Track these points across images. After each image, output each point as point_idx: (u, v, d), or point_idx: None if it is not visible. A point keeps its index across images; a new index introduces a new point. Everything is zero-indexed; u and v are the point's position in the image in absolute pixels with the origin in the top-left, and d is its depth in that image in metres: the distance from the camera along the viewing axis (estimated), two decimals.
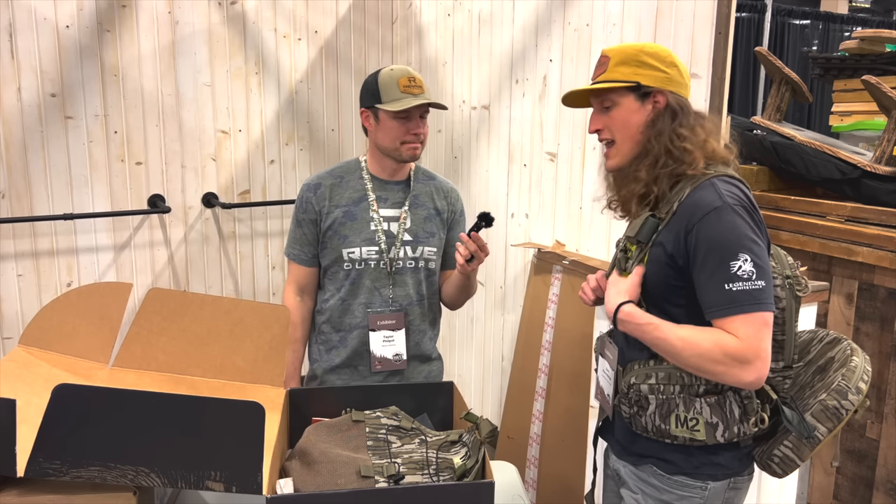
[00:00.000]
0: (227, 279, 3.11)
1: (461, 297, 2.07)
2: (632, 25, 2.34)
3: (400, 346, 1.99)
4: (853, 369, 1.43)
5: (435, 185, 2.07)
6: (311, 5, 3.17)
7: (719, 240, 1.33)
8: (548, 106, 2.70)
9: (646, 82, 1.47)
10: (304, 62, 3.19)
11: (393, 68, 1.92)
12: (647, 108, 1.48)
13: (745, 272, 1.31)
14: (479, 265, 1.86)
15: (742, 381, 1.32)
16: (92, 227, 2.80)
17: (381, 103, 1.87)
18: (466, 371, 3.31)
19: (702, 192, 1.39)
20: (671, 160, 1.44)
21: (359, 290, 1.97)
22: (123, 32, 2.76)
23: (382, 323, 1.97)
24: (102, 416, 1.25)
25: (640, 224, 1.46)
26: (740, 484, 1.49)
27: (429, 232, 2.01)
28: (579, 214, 2.61)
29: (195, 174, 2.98)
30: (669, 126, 1.46)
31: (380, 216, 1.97)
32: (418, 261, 1.99)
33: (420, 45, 3.34)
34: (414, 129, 1.90)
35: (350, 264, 1.96)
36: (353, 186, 2.00)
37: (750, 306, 1.31)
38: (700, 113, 1.51)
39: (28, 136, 2.64)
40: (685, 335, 1.36)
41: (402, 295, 1.99)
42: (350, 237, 1.95)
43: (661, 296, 1.43)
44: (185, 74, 2.90)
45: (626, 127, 1.49)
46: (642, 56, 1.47)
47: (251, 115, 3.08)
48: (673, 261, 1.40)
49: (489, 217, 1.76)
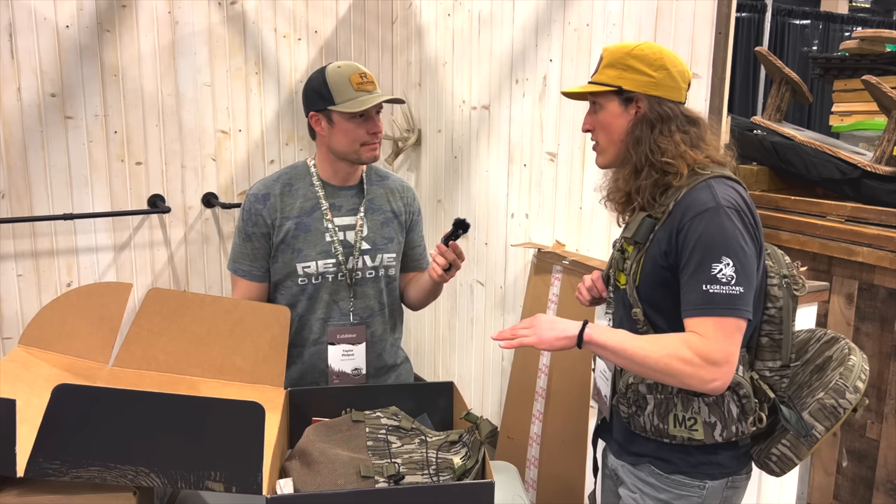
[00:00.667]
0: (226, 279, 3.11)
1: (428, 300, 1.98)
2: (632, 25, 2.34)
3: (360, 360, 1.89)
4: (851, 368, 1.43)
5: (389, 186, 1.95)
6: (311, 5, 3.17)
7: (706, 240, 1.33)
8: (548, 106, 2.70)
9: (627, 87, 1.44)
10: (304, 62, 3.19)
11: (340, 65, 1.78)
12: (630, 112, 1.46)
13: (724, 276, 1.31)
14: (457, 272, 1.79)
15: (706, 384, 1.30)
16: (92, 227, 2.80)
17: (335, 105, 1.74)
18: (466, 371, 3.31)
19: (698, 192, 1.39)
20: (654, 171, 1.43)
21: (316, 304, 1.86)
22: (123, 32, 2.76)
23: (342, 337, 1.87)
24: (102, 416, 1.25)
25: (637, 225, 1.46)
26: (738, 483, 1.49)
27: (387, 238, 1.90)
28: (579, 214, 2.61)
29: (195, 174, 2.98)
30: (649, 135, 1.43)
31: (335, 226, 1.85)
32: (378, 269, 1.89)
33: (420, 45, 3.34)
34: (372, 128, 1.78)
35: (305, 279, 1.84)
36: (304, 195, 1.85)
37: (724, 310, 1.30)
38: (691, 117, 1.47)
39: (28, 136, 2.64)
40: (651, 337, 1.36)
41: (362, 307, 1.89)
42: (305, 250, 1.83)
43: (655, 296, 1.43)
44: (185, 74, 2.90)
45: (609, 131, 1.48)
46: (628, 59, 1.45)
47: (251, 115, 3.08)
48: (665, 260, 1.40)
49: (465, 224, 1.68)
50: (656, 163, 1.42)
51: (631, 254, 1.48)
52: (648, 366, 1.33)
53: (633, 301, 1.45)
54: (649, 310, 1.44)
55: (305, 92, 1.83)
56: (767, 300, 1.43)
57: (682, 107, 1.47)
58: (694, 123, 1.46)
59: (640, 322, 1.45)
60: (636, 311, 1.45)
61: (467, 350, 3.31)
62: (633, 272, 1.46)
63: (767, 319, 1.43)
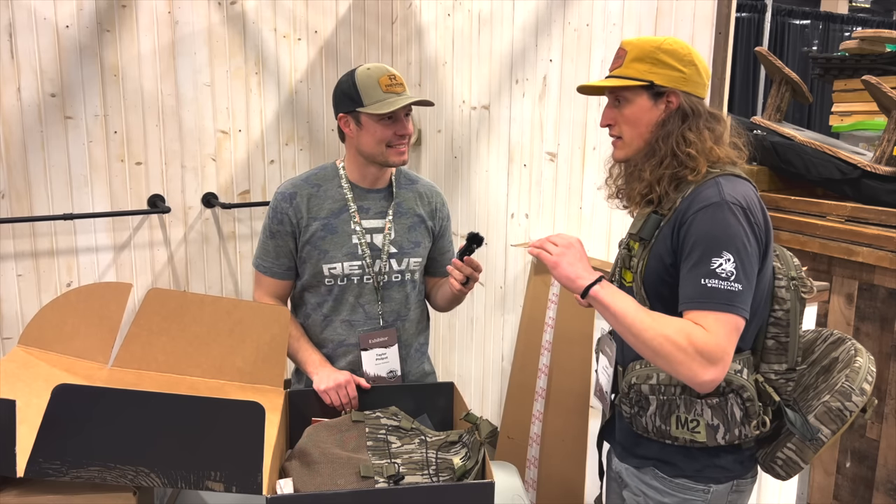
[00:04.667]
0: (227, 279, 3.11)
1: (452, 305, 1.99)
2: (632, 25, 2.34)
3: (394, 362, 1.89)
4: (857, 370, 1.42)
5: (418, 190, 1.96)
6: (311, 5, 3.17)
7: (708, 235, 1.32)
8: (548, 106, 2.70)
9: (660, 82, 1.44)
10: (304, 62, 3.19)
11: (370, 67, 1.78)
12: (659, 107, 1.45)
13: (724, 271, 1.29)
14: (475, 283, 1.79)
15: (697, 377, 1.27)
16: (92, 227, 2.80)
17: (364, 106, 1.75)
18: (466, 371, 3.31)
19: (704, 189, 1.38)
20: (675, 162, 1.43)
21: (341, 306, 1.87)
22: (123, 32, 2.76)
23: (374, 341, 1.87)
24: (102, 416, 1.25)
25: (643, 221, 1.45)
26: (743, 486, 1.48)
27: (414, 242, 1.91)
28: (579, 214, 2.61)
29: (195, 174, 2.98)
30: (678, 128, 1.43)
31: (362, 228, 1.86)
32: (404, 273, 1.90)
33: (420, 45, 3.34)
34: (401, 130, 1.78)
35: (332, 280, 1.85)
36: (332, 196, 1.86)
37: (721, 305, 1.28)
38: (715, 114, 1.48)
39: (28, 136, 2.64)
40: (657, 315, 1.33)
41: (390, 310, 1.89)
42: (331, 252, 1.83)
43: (660, 291, 1.43)
44: (185, 74, 2.90)
45: (637, 125, 1.47)
46: (659, 54, 1.44)
47: (251, 115, 3.08)
48: (669, 255, 1.40)
49: (479, 238, 1.67)
50: (680, 154, 1.42)
51: (637, 251, 1.47)
52: (643, 340, 1.31)
53: (640, 298, 1.44)
54: (656, 305, 1.44)
55: (335, 94, 1.84)
56: (775, 302, 1.42)
57: (704, 103, 1.48)
58: (717, 120, 1.47)
59: None
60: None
61: (467, 350, 3.31)
62: (639, 269, 1.45)
63: (774, 322, 1.42)
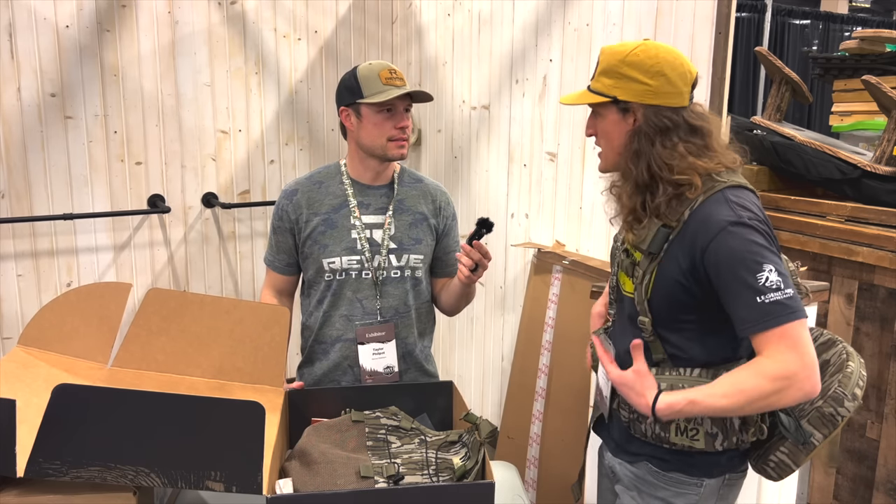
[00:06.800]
0: (227, 279, 3.11)
1: (462, 304, 1.98)
2: (632, 25, 2.34)
3: (391, 357, 1.90)
4: (849, 375, 1.42)
5: (422, 189, 1.97)
6: (311, 5, 3.17)
7: (739, 255, 1.29)
8: (548, 106, 2.70)
9: (623, 97, 1.39)
10: (304, 62, 3.19)
11: (371, 63, 1.82)
12: (628, 122, 1.41)
13: (772, 283, 1.27)
14: (484, 272, 1.78)
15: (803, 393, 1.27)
16: (92, 227, 2.80)
17: (363, 98, 1.78)
18: (466, 371, 3.31)
19: (714, 206, 1.35)
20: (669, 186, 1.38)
21: (340, 301, 1.89)
22: (123, 32, 2.76)
23: (371, 335, 1.88)
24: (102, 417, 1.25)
25: (652, 235, 1.41)
26: (735, 480, 1.49)
27: (415, 239, 1.91)
28: (579, 214, 2.61)
29: (195, 174, 2.98)
30: (649, 150, 1.38)
31: (362, 223, 1.88)
32: (404, 269, 1.90)
33: (420, 45, 3.34)
34: (399, 122, 1.80)
35: (331, 274, 1.88)
36: (333, 192, 1.89)
37: (785, 317, 1.27)
38: (694, 126, 1.40)
39: (28, 136, 2.64)
40: (727, 390, 1.30)
41: (388, 306, 1.90)
42: (330, 246, 1.86)
43: (670, 312, 1.41)
44: (185, 74, 2.90)
45: (610, 139, 1.45)
46: (623, 67, 1.39)
47: (251, 115, 3.08)
48: (686, 278, 1.37)
49: (489, 223, 1.67)
50: (668, 179, 1.37)
51: (642, 261, 1.44)
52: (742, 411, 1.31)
53: (642, 310, 1.43)
54: (660, 324, 1.42)
55: (338, 90, 1.88)
56: None
57: (685, 112, 1.40)
58: (697, 132, 1.40)
59: (646, 332, 1.43)
60: (644, 321, 1.43)
61: (467, 350, 3.31)
62: (644, 282, 1.42)
63: None
